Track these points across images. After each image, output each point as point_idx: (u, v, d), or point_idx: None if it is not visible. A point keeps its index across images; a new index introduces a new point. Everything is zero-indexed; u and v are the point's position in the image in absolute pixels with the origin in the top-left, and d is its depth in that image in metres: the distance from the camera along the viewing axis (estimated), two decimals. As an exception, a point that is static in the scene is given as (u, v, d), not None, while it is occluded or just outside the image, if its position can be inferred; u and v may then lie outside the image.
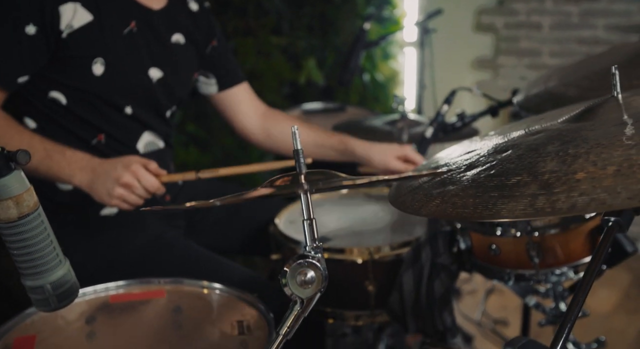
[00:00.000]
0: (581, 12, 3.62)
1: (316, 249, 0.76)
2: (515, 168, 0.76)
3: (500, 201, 0.71)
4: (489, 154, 0.86)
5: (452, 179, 0.84)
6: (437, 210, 0.78)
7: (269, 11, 3.11)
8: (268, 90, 3.03)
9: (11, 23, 1.33)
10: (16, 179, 0.87)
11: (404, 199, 0.88)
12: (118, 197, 1.32)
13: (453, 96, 1.65)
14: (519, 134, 0.91)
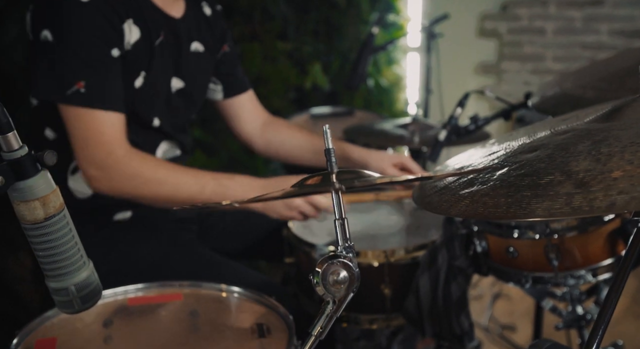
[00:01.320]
0: (584, 17, 3.64)
1: (348, 249, 0.75)
2: (547, 167, 0.76)
3: (534, 200, 0.70)
4: (515, 155, 0.86)
5: (479, 179, 0.84)
6: (467, 210, 0.77)
7: (274, 16, 3.11)
8: (274, 94, 3.03)
9: (103, 49, 1.33)
10: (43, 180, 0.86)
11: (430, 199, 0.87)
12: (295, 208, 1.39)
13: (467, 99, 1.65)
14: (545, 134, 0.91)
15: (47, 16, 1.29)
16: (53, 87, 1.30)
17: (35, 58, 1.32)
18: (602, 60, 1.52)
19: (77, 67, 1.29)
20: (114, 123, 1.35)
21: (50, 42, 1.28)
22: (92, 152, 1.33)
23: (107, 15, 1.32)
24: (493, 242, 1.34)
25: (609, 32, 3.60)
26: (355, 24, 3.45)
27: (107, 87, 1.33)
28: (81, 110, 1.31)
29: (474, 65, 3.99)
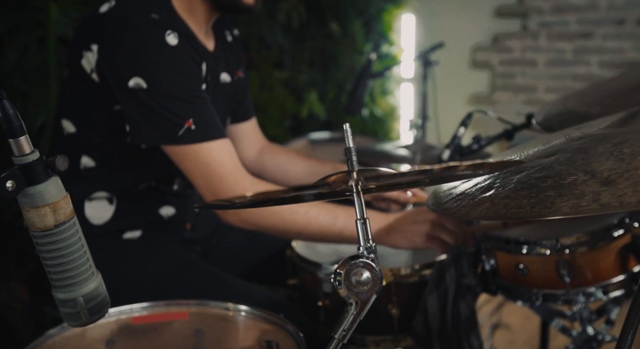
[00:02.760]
0: (575, 49, 3.71)
1: (369, 249, 0.74)
2: (568, 169, 0.76)
3: (559, 199, 0.70)
4: (532, 160, 0.86)
5: (496, 183, 0.83)
6: (488, 212, 0.77)
7: (271, 46, 3.14)
8: (271, 122, 3.04)
9: (197, 85, 1.32)
10: (54, 185, 0.84)
11: (448, 206, 0.87)
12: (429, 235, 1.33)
13: (470, 118, 1.66)
14: (560, 141, 0.91)
15: (134, 64, 1.26)
16: (162, 132, 1.28)
17: (130, 106, 1.30)
18: (605, 80, 1.54)
19: (181, 107, 1.27)
20: (229, 150, 1.34)
21: (144, 88, 1.26)
22: (219, 186, 1.30)
23: (192, 55, 1.33)
24: (502, 260, 1.33)
25: (599, 64, 3.67)
26: (350, 54, 3.50)
27: (212, 118, 1.32)
28: (197, 146, 1.29)
29: (467, 95, 4.04)
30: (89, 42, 1.32)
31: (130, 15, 1.29)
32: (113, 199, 1.45)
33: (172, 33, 1.30)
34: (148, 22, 1.28)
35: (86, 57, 1.33)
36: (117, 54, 1.29)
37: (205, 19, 1.44)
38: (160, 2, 1.35)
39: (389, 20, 3.76)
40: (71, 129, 1.42)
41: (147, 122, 1.29)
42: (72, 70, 1.39)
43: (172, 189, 1.53)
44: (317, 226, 1.32)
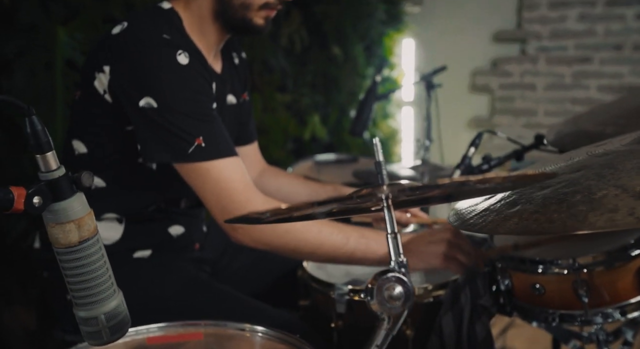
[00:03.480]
0: (574, 73, 3.76)
1: (401, 264, 0.73)
2: (598, 184, 0.76)
3: (591, 213, 0.70)
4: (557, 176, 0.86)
5: (522, 199, 0.83)
6: (517, 228, 0.77)
7: (274, 69, 3.17)
8: (274, 145, 3.05)
9: (207, 104, 1.32)
10: (79, 201, 0.84)
11: (473, 222, 0.86)
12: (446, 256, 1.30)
13: (480, 139, 1.66)
14: (582, 158, 0.91)
15: (145, 84, 1.27)
16: (172, 150, 1.28)
17: (141, 125, 1.30)
18: (612, 102, 1.56)
19: (191, 125, 1.27)
20: (240, 168, 1.32)
21: (155, 107, 1.26)
22: (229, 204, 1.28)
23: (203, 74, 1.34)
24: (517, 280, 1.31)
25: (598, 88, 3.71)
26: (352, 77, 3.53)
27: (222, 136, 1.32)
28: (207, 164, 1.28)
29: (467, 119, 4.07)
30: (102, 64, 1.32)
31: (142, 35, 1.30)
32: (122, 219, 1.44)
33: (184, 52, 1.30)
34: (160, 42, 1.29)
35: (99, 78, 1.33)
36: (129, 73, 1.29)
37: (216, 40, 1.45)
38: (171, 23, 1.36)
39: (389, 45, 3.81)
40: (82, 149, 1.42)
41: (158, 140, 1.29)
42: (84, 91, 1.40)
43: (179, 208, 1.53)
44: (330, 246, 1.31)
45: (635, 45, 3.55)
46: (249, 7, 1.38)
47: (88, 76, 1.35)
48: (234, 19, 1.39)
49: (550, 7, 3.73)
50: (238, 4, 1.37)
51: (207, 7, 1.39)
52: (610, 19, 3.59)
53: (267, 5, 1.39)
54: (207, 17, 1.40)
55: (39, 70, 2.16)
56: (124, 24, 1.34)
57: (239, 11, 1.38)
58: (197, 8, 1.39)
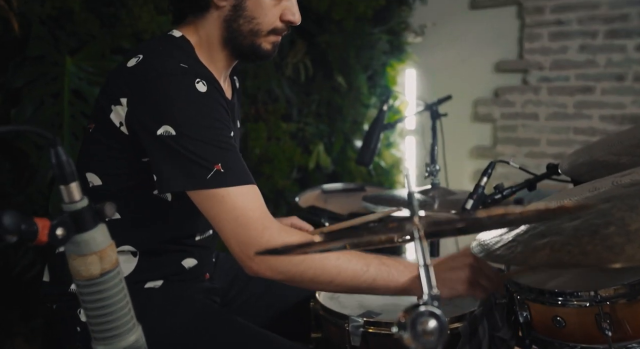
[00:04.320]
0: (576, 103, 3.77)
1: (434, 297, 0.71)
2: (631, 215, 0.75)
3: (628, 245, 0.68)
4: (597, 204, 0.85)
5: (551, 230, 0.82)
6: (549, 259, 0.75)
7: (279, 98, 3.18)
8: (279, 174, 3.04)
9: (225, 131, 1.31)
10: (101, 233, 0.83)
11: (501, 253, 0.85)
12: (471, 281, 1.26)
13: (492, 168, 1.66)
14: (607, 188, 0.90)
15: (163, 112, 1.25)
16: (190, 177, 1.25)
17: (158, 153, 1.27)
18: (626, 131, 1.56)
19: (209, 152, 1.25)
20: (257, 196, 1.29)
21: (173, 135, 1.24)
22: (246, 231, 1.24)
23: (221, 102, 1.33)
24: (536, 312, 1.29)
25: (600, 118, 3.73)
26: (356, 107, 3.54)
27: (240, 163, 1.30)
28: (224, 191, 1.25)
29: (470, 148, 4.07)
30: (119, 96, 1.31)
31: (159, 65, 1.29)
32: (137, 252, 1.42)
33: (201, 80, 1.30)
34: (178, 71, 1.28)
35: (115, 111, 1.32)
36: (147, 103, 1.28)
37: (225, 66, 1.46)
38: (186, 53, 1.37)
39: (392, 75, 3.83)
40: (97, 181, 1.40)
41: (176, 168, 1.26)
42: (98, 124, 1.38)
43: (194, 241, 1.51)
44: (350, 274, 1.26)
45: (637, 76, 3.58)
46: (258, 33, 1.39)
47: (103, 109, 1.34)
48: (243, 45, 1.40)
49: (551, 38, 3.77)
50: (247, 30, 1.38)
51: (216, 34, 1.39)
52: (611, 50, 3.62)
53: (275, 31, 1.40)
54: (216, 44, 1.41)
55: (46, 100, 2.17)
56: (139, 56, 1.33)
57: (247, 37, 1.39)
58: (206, 35, 1.40)
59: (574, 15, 3.68)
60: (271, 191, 3.02)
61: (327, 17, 3.27)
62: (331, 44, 3.34)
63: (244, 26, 1.39)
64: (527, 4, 3.79)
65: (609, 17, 3.59)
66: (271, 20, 1.38)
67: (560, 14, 3.72)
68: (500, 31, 3.90)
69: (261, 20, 1.38)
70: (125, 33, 2.32)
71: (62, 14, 2.10)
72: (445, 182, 2.84)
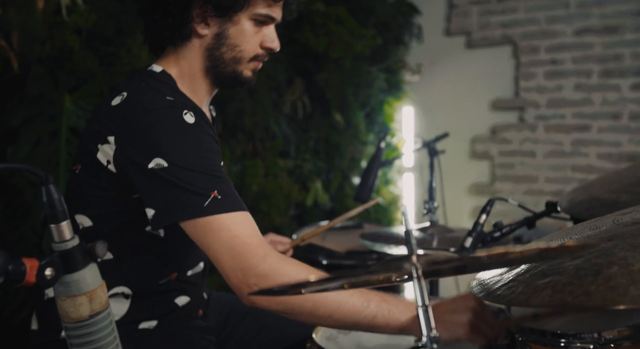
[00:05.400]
0: (573, 141, 3.79)
1: (433, 339, 0.69)
2: (634, 254, 0.73)
3: (632, 286, 0.67)
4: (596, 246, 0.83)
5: (552, 269, 0.80)
6: (551, 300, 0.73)
7: (276, 135, 3.19)
8: (276, 211, 3.02)
9: (217, 161, 1.30)
10: (91, 273, 0.81)
11: (501, 293, 0.83)
12: (472, 325, 1.22)
13: (491, 205, 1.64)
14: (609, 226, 0.89)
15: (153, 146, 1.24)
16: (188, 206, 1.22)
17: (151, 187, 1.25)
18: (625, 169, 1.55)
19: (205, 179, 1.23)
20: (253, 223, 1.27)
21: (165, 167, 1.23)
22: (245, 259, 1.20)
23: (209, 132, 1.32)
24: (538, 353, 1.26)
25: (598, 156, 3.73)
26: (354, 144, 3.55)
27: (233, 191, 1.28)
28: (222, 218, 1.22)
29: (468, 185, 4.07)
30: (105, 135, 1.29)
31: (146, 101, 1.28)
32: (130, 294, 1.39)
33: (189, 112, 1.29)
34: (165, 105, 1.28)
35: (102, 150, 1.30)
36: (135, 139, 1.26)
37: (206, 95, 1.46)
38: (169, 86, 1.36)
39: (390, 112, 3.86)
40: (87, 223, 1.38)
41: (170, 199, 1.24)
42: (85, 165, 1.37)
43: (186, 277, 1.48)
44: (350, 309, 1.21)
45: (632, 114, 3.61)
46: (240, 61, 1.40)
47: (89, 149, 1.33)
48: (224, 73, 1.41)
49: (547, 77, 3.81)
50: (229, 58, 1.39)
51: (197, 63, 1.40)
52: (606, 89, 3.66)
53: (256, 57, 1.42)
54: (198, 74, 1.41)
55: (44, 138, 2.16)
56: (123, 94, 1.32)
57: (229, 65, 1.40)
58: (187, 65, 1.40)
59: (568, 55, 3.73)
60: (268, 228, 3.00)
61: (325, 55, 3.30)
62: (329, 82, 3.37)
63: (226, 54, 1.39)
64: (522, 43, 3.85)
65: (603, 57, 3.64)
66: (253, 47, 1.40)
67: (554, 53, 3.77)
68: (496, 70, 3.95)
69: (243, 48, 1.39)
70: (124, 71, 2.34)
71: (61, 53, 2.12)
72: (443, 219, 2.83)
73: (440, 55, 4.09)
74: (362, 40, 3.32)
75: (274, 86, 3.15)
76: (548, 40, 3.77)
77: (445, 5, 4.08)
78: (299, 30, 3.21)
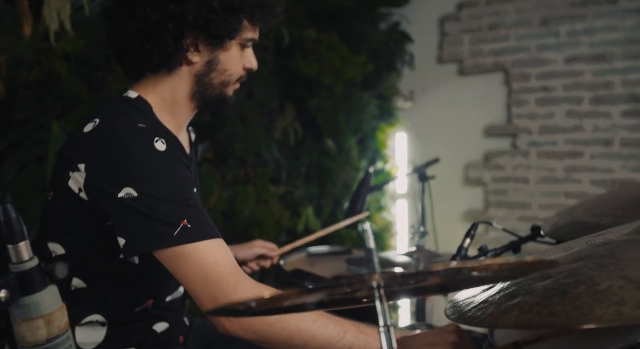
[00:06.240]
0: (565, 168, 3.79)
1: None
2: (601, 274, 0.72)
3: (597, 306, 0.65)
4: (557, 265, 0.82)
5: (522, 290, 0.79)
6: (518, 320, 0.71)
7: (267, 161, 3.19)
8: (266, 237, 2.99)
9: (189, 188, 1.29)
10: (50, 295, 0.79)
11: (472, 315, 0.81)
12: None
13: (475, 229, 1.63)
14: (582, 247, 0.88)
15: (123, 174, 1.23)
16: (157, 236, 1.21)
17: (121, 217, 1.24)
18: (607, 193, 1.55)
19: (175, 208, 1.22)
20: (226, 251, 1.25)
21: (135, 196, 1.21)
22: (217, 288, 1.19)
23: (181, 159, 1.31)
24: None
25: (590, 182, 3.73)
26: (346, 170, 3.55)
27: (205, 218, 1.27)
28: (192, 247, 1.21)
29: (462, 211, 4.06)
30: (76, 162, 1.28)
31: (117, 128, 1.27)
32: (106, 322, 1.37)
33: (160, 139, 1.28)
34: (136, 132, 1.27)
35: (73, 177, 1.29)
36: (106, 167, 1.25)
37: (186, 118, 1.46)
38: (143, 112, 1.35)
39: (382, 138, 3.87)
40: (60, 251, 1.36)
41: (140, 229, 1.23)
42: (57, 191, 1.35)
43: (164, 303, 1.46)
44: (325, 339, 1.19)
45: (624, 141, 3.61)
46: (227, 84, 1.42)
47: (61, 176, 1.32)
48: (211, 96, 1.42)
49: (538, 104, 3.83)
50: (218, 82, 1.40)
51: (184, 89, 1.40)
52: (597, 116, 3.67)
53: (240, 79, 1.45)
54: (182, 99, 1.41)
55: (30, 163, 2.16)
56: (95, 120, 1.31)
57: (217, 89, 1.42)
58: (170, 91, 1.39)
59: (559, 82, 3.76)
60: (258, 254, 2.97)
61: (317, 82, 3.32)
62: (321, 108, 3.38)
63: (215, 79, 1.40)
64: (513, 71, 3.87)
65: (593, 85, 3.66)
66: (238, 70, 1.42)
67: (545, 81, 3.79)
68: (488, 96, 3.97)
69: (232, 72, 1.41)
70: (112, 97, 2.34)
71: (49, 79, 2.13)
72: (434, 244, 2.80)
73: (432, 82, 4.12)
74: (353, 67, 3.34)
75: (265, 112, 3.16)
76: (539, 68, 3.80)
77: (437, 33, 4.13)
78: (290, 57, 3.23)
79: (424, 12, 4.08)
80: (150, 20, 1.31)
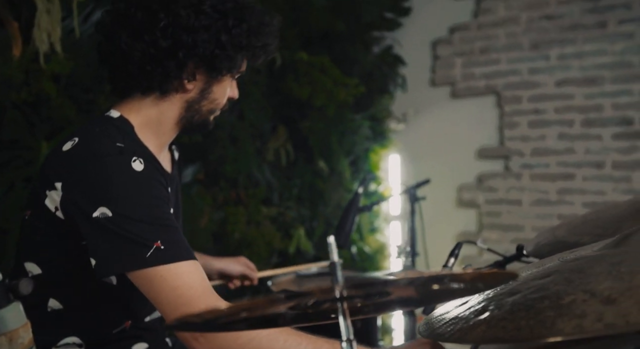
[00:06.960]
0: (558, 190, 3.79)
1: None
2: (566, 289, 0.72)
3: (559, 319, 0.65)
4: (526, 282, 0.82)
5: (491, 305, 0.79)
6: (485, 335, 0.71)
7: (259, 182, 3.19)
8: (257, 258, 2.98)
9: (165, 208, 1.29)
10: (14, 312, 0.78)
11: (441, 331, 0.81)
12: None
13: (459, 249, 1.63)
14: (554, 264, 0.88)
15: (99, 194, 1.23)
16: (129, 257, 1.21)
17: (95, 236, 1.24)
18: (590, 213, 1.55)
19: (148, 230, 1.22)
20: (199, 273, 1.24)
21: (109, 217, 1.21)
22: (187, 310, 1.16)
23: (159, 179, 1.31)
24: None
25: (583, 205, 3.73)
26: (338, 191, 3.55)
27: (180, 240, 1.26)
28: (164, 269, 1.20)
29: (456, 233, 4.04)
30: (53, 181, 1.28)
31: (94, 147, 1.28)
32: (83, 344, 1.36)
33: (138, 159, 1.28)
34: (113, 151, 1.27)
35: (50, 196, 1.29)
36: (82, 186, 1.25)
37: (169, 139, 1.47)
38: (123, 132, 1.34)
39: (375, 160, 3.88)
40: (36, 271, 1.35)
41: (113, 249, 1.22)
42: (34, 210, 1.35)
43: (143, 323, 1.45)
44: None
45: (615, 164, 3.63)
46: (215, 111, 1.47)
47: (38, 195, 1.31)
48: (197, 121, 1.46)
49: (530, 126, 3.85)
50: (207, 110, 1.45)
51: (173, 113, 1.41)
52: (588, 139, 3.69)
53: (224, 107, 1.50)
54: (169, 121, 1.42)
55: (18, 183, 2.16)
56: (74, 139, 1.31)
57: (204, 115, 1.46)
58: (157, 113, 1.40)
59: (550, 105, 3.78)
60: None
61: (309, 104, 3.34)
62: (313, 130, 3.40)
63: (205, 106, 1.44)
64: (505, 94, 3.90)
65: (584, 108, 3.69)
66: (225, 99, 1.47)
67: (537, 103, 3.82)
68: (481, 119, 3.99)
69: (220, 101, 1.46)
70: (101, 117, 2.35)
71: (38, 100, 2.14)
72: (425, 265, 2.80)
73: (425, 104, 4.15)
74: (345, 89, 3.37)
75: (257, 134, 3.18)
76: (530, 91, 3.83)
77: (430, 57, 4.16)
78: (282, 79, 3.26)
79: (416, 36, 4.13)
80: (159, 46, 1.32)
